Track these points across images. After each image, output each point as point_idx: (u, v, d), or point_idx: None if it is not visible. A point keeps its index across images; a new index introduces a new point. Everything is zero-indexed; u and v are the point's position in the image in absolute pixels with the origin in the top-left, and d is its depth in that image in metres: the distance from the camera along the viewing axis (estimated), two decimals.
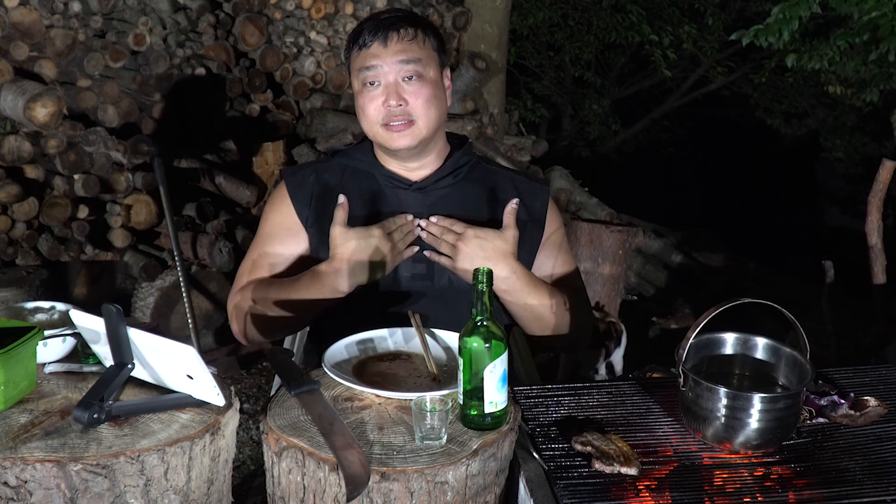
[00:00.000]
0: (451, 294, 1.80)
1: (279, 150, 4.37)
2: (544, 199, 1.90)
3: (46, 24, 3.67)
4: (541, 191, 1.91)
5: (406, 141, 1.75)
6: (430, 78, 1.76)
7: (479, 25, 5.34)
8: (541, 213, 1.89)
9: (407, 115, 1.74)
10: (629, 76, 8.48)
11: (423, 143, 1.78)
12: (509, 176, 1.92)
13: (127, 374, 1.40)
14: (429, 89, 1.75)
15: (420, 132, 1.76)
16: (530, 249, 1.87)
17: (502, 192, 1.88)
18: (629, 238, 4.20)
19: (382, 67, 1.73)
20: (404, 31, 1.74)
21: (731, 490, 1.32)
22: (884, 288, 3.16)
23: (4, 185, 3.53)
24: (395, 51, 1.73)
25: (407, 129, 1.74)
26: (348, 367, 1.57)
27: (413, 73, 1.73)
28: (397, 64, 1.72)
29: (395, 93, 1.73)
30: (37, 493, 1.23)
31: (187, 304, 3.50)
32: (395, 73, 1.73)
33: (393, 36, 1.73)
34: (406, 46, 1.74)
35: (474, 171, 1.90)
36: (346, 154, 1.89)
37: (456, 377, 1.40)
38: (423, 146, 1.79)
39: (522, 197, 1.86)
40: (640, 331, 4.62)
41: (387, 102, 1.73)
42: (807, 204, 8.20)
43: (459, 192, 1.85)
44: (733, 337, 1.58)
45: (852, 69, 4.92)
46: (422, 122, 1.75)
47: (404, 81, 1.73)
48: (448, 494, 1.29)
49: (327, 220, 1.78)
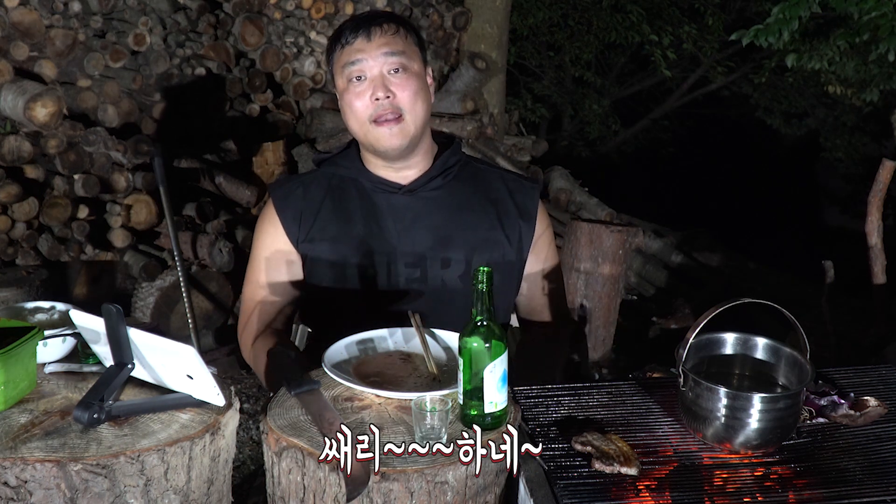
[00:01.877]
0: (445, 294, 1.81)
1: (279, 150, 4.37)
2: (535, 196, 1.91)
3: (46, 24, 3.67)
4: (531, 189, 1.92)
5: (396, 140, 1.75)
6: (416, 71, 1.76)
7: (479, 25, 5.35)
8: (532, 212, 1.89)
9: (395, 108, 1.73)
10: (629, 76, 8.48)
11: (413, 141, 1.77)
12: (499, 174, 1.93)
13: (127, 374, 1.40)
14: (415, 82, 1.75)
15: (408, 128, 1.75)
16: (522, 247, 1.88)
17: (493, 191, 1.88)
18: (629, 238, 4.19)
19: (367, 61, 1.72)
20: (387, 26, 1.75)
21: (731, 490, 1.32)
22: (884, 288, 3.16)
23: (4, 185, 3.53)
24: (378, 44, 1.73)
25: (396, 124, 1.74)
26: (348, 367, 1.57)
27: (398, 66, 1.73)
28: (382, 56, 1.72)
29: (382, 85, 1.72)
30: (37, 493, 1.23)
31: (187, 304, 3.50)
32: (381, 65, 1.73)
33: (376, 30, 1.73)
34: (389, 39, 1.73)
35: (464, 170, 1.89)
36: (331, 162, 1.88)
37: (456, 377, 1.40)
38: (412, 145, 1.78)
39: (514, 195, 1.88)
40: (640, 331, 4.62)
41: (374, 96, 1.72)
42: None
43: (450, 193, 1.85)
44: (733, 337, 1.58)
45: (852, 69, 4.92)
46: (409, 116, 1.75)
47: (390, 74, 1.73)
48: (448, 494, 1.29)
49: (317, 233, 1.80)
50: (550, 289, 1.96)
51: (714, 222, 6.12)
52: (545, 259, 1.94)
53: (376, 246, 1.81)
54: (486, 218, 1.84)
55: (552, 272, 1.96)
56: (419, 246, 1.80)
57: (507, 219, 1.87)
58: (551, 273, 1.96)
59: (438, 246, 1.81)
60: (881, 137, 7.24)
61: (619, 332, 4.35)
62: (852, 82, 5.33)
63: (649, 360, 3.93)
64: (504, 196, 1.88)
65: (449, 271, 1.81)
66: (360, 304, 1.82)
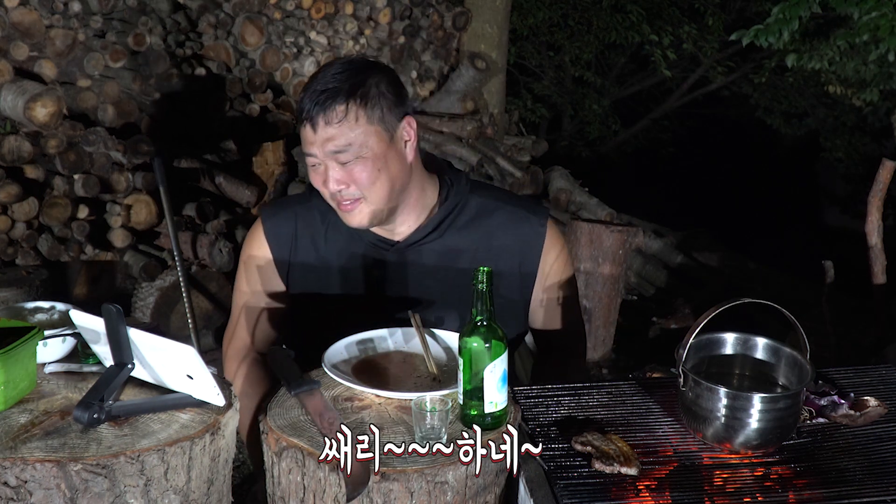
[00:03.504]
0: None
1: (279, 150, 4.37)
2: (541, 233, 1.82)
3: (46, 24, 3.67)
4: (539, 226, 1.81)
5: (357, 219, 1.69)
6: (372, 153, 1.64)
7: (479, 25, 5.34)
8: (536, 251, 1.82)
9: (352, 194, 1.67)
10: (629, 76, 8.48)
11: (380, 215, 1.70)
12: (506, 213, 1.81)
13: (127, 374, 1.40)
14: (370, 166, 1.64)
15: (370, 208, 1.68)
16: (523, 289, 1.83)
17: (497, 238, 1.79)
18: (629, 238, 4.20)
19: (317, 154, 1.66)
20: (331, 114, 1.62)
21: (731, 490, 1.32)
22: (884, 288, 3.15)
23: (4, 185, 3.53)
24: (323, 139, 1.63)
25: (356, 206, 1.68)
26: (348, 368, 1.57)
27: (348, 159, 1.64)
28: (329, 154, 1.64)
29: (335, 178, 1.65)
30: (37, 493, 1.23)
31: (187, 304, 3.50)
32: (330, 159, 1.65)
33: (319, 122, 1.62)
34: (334, 133, 1.62)
35: (464, 213, 1.79)
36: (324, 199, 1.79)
37: (456, 377, 1.40)
38: (381, 217, 1.71)
39: (519, 236, 1.80)
40: (640, 331, 4.62)
41: (327, 185, 1.67)
42: (807, 204, 8.20)
43: (448, 245, 1.77)
44: (733, 337, 1.58)
45: (852, 69, 4.92)
46: (371, 198, 1.67)
47: (342, 165, 1.65)
48: (448, 494, 1.29)
49: (308, 271, 1.78)
50: (564, 298, 1.89)
51: (714, 222, 6.12)
52: (559, 286, 1.87)
53: (365, 303, 1.79)
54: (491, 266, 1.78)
55: (566, 284, 1.89)
56: (408, 306, 1.74)
57: (509, 263, 1.79)
58: (566, 285, 1.89)
59: (432, 307, 1.77)
60: (881, 137, 7.23)
61: (619, 332, 4.36)
62: (852, 82, 5.33)
63: (649, 360, 3.93)
64: (508, 241, 1.80)
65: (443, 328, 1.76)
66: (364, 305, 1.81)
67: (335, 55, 4.68)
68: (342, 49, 4.73)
